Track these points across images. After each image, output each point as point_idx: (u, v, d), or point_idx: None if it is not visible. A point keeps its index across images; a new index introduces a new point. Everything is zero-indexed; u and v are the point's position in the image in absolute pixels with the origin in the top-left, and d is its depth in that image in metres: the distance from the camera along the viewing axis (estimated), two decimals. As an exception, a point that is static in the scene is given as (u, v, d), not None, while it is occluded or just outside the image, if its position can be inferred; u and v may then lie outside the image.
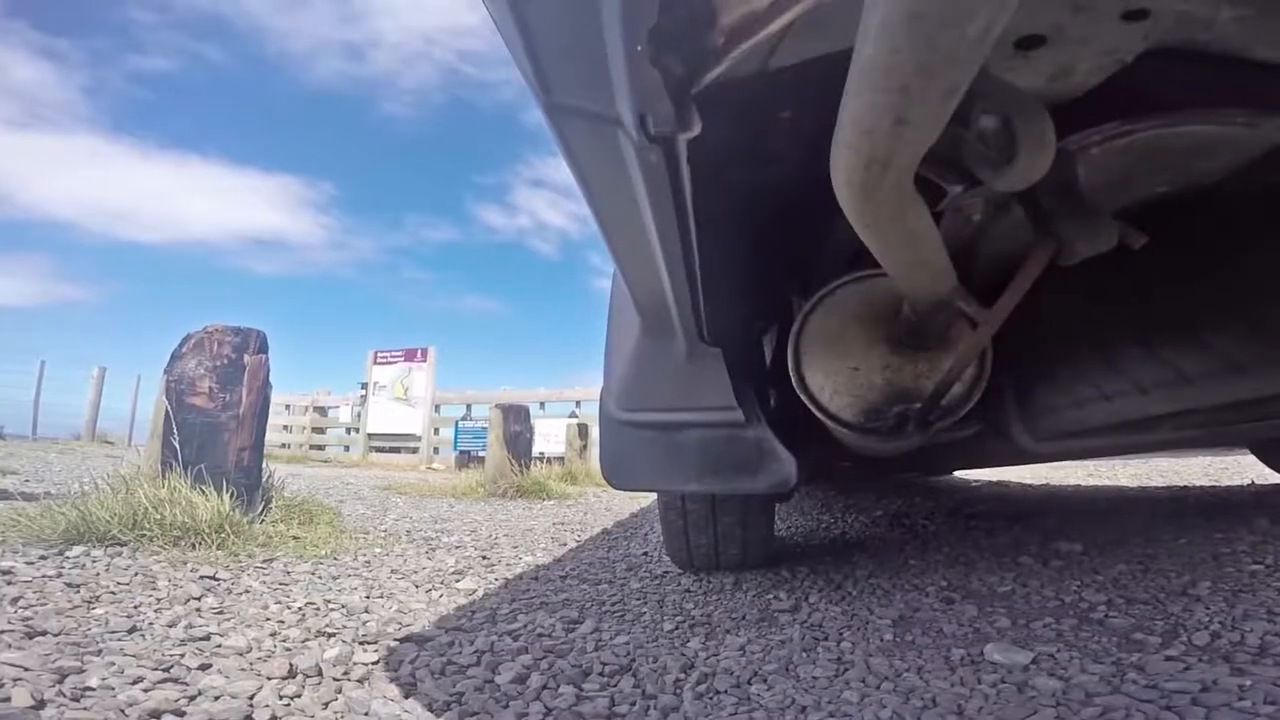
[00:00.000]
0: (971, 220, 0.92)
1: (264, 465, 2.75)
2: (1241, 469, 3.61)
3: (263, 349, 2.72)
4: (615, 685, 1.10)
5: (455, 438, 10.63)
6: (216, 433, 2.52)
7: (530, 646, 1.28)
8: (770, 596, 1.65)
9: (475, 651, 1.24)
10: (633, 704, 1.02)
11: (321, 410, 12.94)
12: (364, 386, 12.18)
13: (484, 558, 2.37)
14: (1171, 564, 1.53)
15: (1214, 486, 2.87)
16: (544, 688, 1.07)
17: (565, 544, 2.77)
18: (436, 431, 11.54)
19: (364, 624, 1.43)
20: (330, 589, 1.77)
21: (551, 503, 4.77)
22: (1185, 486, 2.94)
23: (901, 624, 1.36)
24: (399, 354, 11.97)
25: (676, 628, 1.46)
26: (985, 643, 1.18)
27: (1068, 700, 0.92)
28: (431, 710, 0.98)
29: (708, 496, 1.68)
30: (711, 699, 1.05)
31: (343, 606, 1.57)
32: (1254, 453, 2.55)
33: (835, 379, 1.13)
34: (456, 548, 2.60)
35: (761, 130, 0.77)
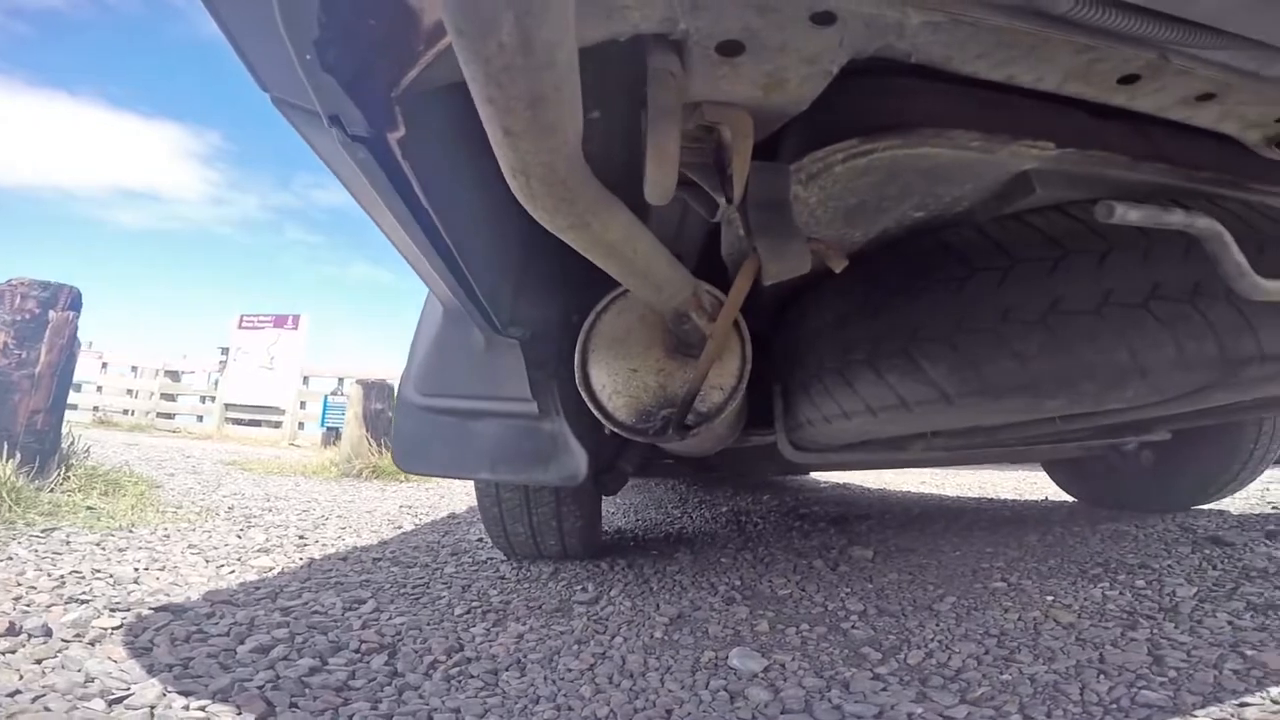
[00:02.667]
0: (738, 233, 1.01)
1: (65, 430, 2.58)
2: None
3: (74, 306, 2.55)
4: (365, 662, 1.13)
5: (323, 413, 10.17)
6: (5, 392, 2.35)
7: (295, 622, 1.29)
8: (578, 588, 1.72)
9: (232, 624, 1.24)
10: (372, 679, 1.06)
11: (173, 375, 12.03)
12: (224, 352, 11.44)
13: (301, 538, 2.32)
14: (935, 576, 1.71)
15: (1014, 500, 3.18)
16: (283, 658, 1.09)
17: (401, 527, 2.76)
18: (303, 405, 10.99)
19: (127, 594, 1.39)
20: (108, 560, 1.69)
21: (409, 486, 4.69)
22: (991, 499, 3.26)
23: (677, 622, 1.46)
24: (268, 319, 11.32)
25: (468, 612, 1.51)
26: (736, 646, 1.28)
27: (764, 714, 1.02)
28: (150, 672, 0.99)
29: (522, 486, 1.74)
30: (459, 682, 1.11)
31: (111, 576, 1.51)
32: (1045, 470, 2.87)
33: (615, 379, 1.20)
34: (277, 526, 2.53)
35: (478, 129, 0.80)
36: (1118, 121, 0.86)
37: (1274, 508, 2.25)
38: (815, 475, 4.46)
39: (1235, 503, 2.37)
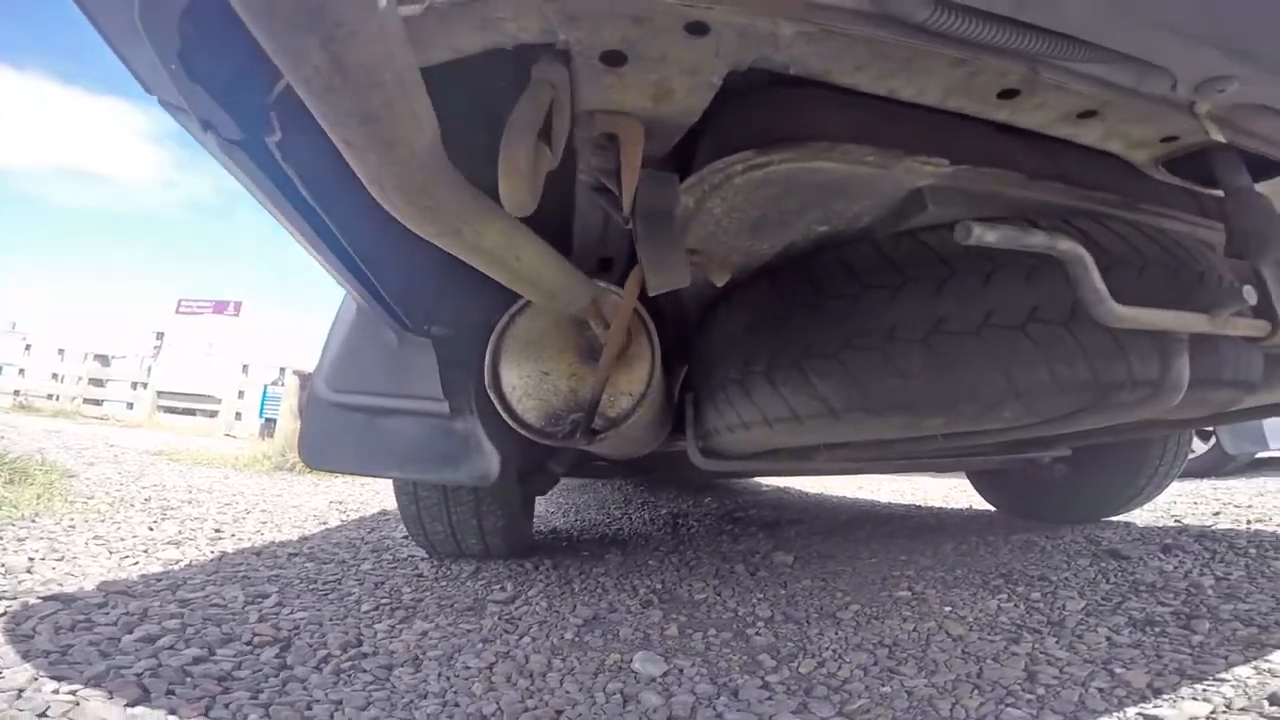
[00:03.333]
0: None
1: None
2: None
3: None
4: (254, 654, 1.13)
5: (261, 403, 9.93)
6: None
7: (189, 614, 1.27)
8: (497, 587, 1.73)
9: (122, 614, 1.22)
10: (258, 671, 1.05)
11: (103, 359, 11.58)
12: (159, 338, 11.07)
13: (217, 531, 2.28)
14: (847, 583, 1.76)
15: (940, 508, 3.25)
16: (169, 648, 1.07)
17: (326, 523, 2.72)
18: (241, 395, 10.70)
19: (17, 583, 1.36)
20: (3, 550, 1.64)
21: (342, 482, 4.61)
22: (919, 506, 3.34)
23: (590, 624, 1.48)
24: (207, 305, 11.02)
25: (376, 608, 1.50)
26: (643, 650, 1.30)
27: (651, 719, 1.04)
28: (25, 657, 0.97)
29: (440, 485, 1.74)
30: (348, 676, 1.11)
31: (1, 566, 1.47)
32: (969, 480, 2.96)
33: (527, 381, 1.21)
34: (194, 520, 2.47)
35: None
36: (1013, 140, 0.88)
37: (1176, 521, 2.37)
38: (759, 479, 4.54)
39: (1142, 515, 2.50)
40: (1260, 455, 3.93)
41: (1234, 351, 1.00)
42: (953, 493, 3.96)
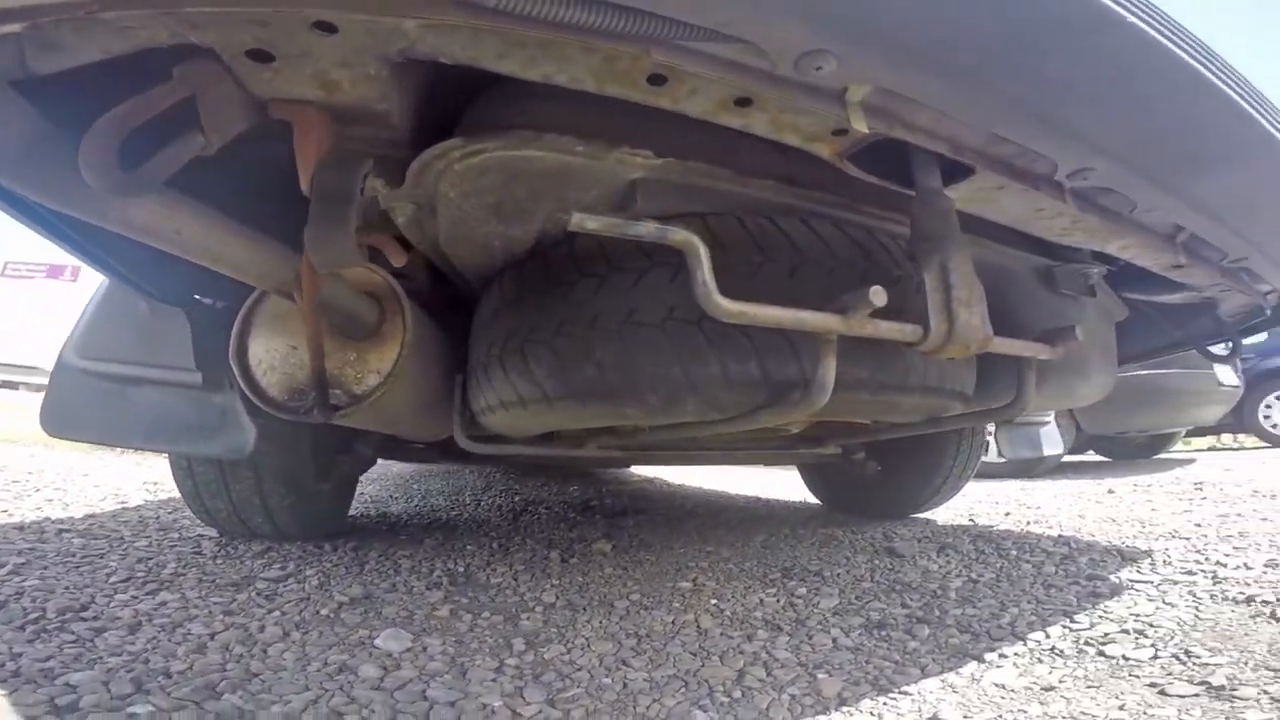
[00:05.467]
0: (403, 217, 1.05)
1: None
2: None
3: None
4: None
5: (101, 376, 9.23)
6: None
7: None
8: (277, 566, 1.70)
9: None
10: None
11: (-82, 319, 10.52)
12: (-20, 301, 10.17)
13: (-15, 505, 2.15)
14: (644, 572, 1.81)
15: (780, 501, 3.36)
16: None
17: (126, 502, 2.59)
18: (80, 366, 9.90)
19: None
20: None
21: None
22: (764, 499, 3.45)
23: (358, 603, 1.48)
24: (40, 268, 10.21)
25: (126, 580, 1.46)
26: (396, 628, 1.32)
27: (356, 686, 1.06)
28: None
29: (216, 461, 1.70)
30: (49, 636, 1.10)
31: None
32: (800, 474, 3.10)
33: (273, 355, 1.21)
34: (-38, 495, 2.32)
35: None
36: (727, 137, 0.88)
37: (970, 520, 2.59)
38: (643, 471, 4.59)
39: (944, 513, 2.71)
40: (1033, 458, 4.27)
41: (922, 360, 1.07)
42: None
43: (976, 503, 3.15)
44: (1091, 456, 6.26)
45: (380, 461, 4.36)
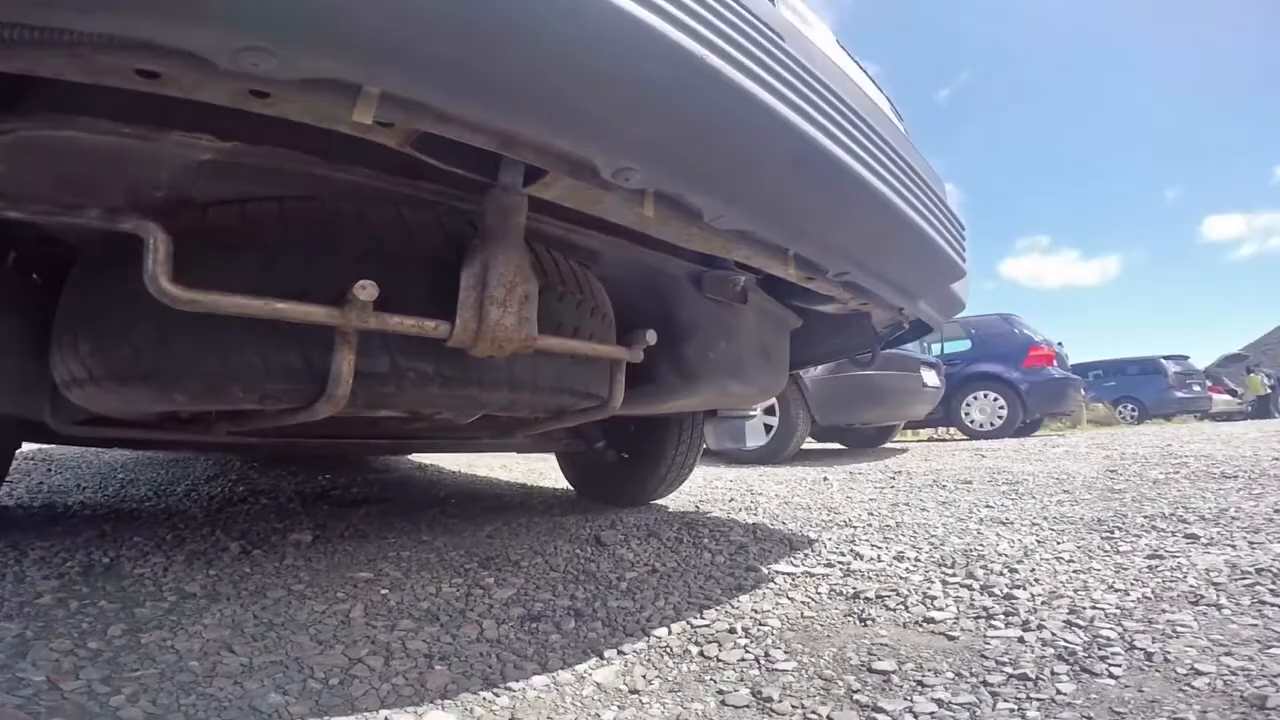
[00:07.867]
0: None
1: None
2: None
3: None
4: None
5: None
6: None
7: None
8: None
9: None
10: None
11: None
12: None
13: None
14: (329, 563, 1.74)
15: (542, 489, 3.37)
16: None
17: None
18: None
19: None
20: None
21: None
22: (523, 485, 3.49)
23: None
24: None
25: None
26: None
27: None
28: None
29: None
30: None
31: None
32: (558, 462, 3.13)
33: None
34: None
35: None
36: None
37: (696, 507, 2.75)
38: (421, 459, 4.49)
39: (679, 499, 2.87)
40: (734, 448, 4.60)
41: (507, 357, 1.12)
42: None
43: (712, 489, 3.35)
44: (834, 445, 6.97)
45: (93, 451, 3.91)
